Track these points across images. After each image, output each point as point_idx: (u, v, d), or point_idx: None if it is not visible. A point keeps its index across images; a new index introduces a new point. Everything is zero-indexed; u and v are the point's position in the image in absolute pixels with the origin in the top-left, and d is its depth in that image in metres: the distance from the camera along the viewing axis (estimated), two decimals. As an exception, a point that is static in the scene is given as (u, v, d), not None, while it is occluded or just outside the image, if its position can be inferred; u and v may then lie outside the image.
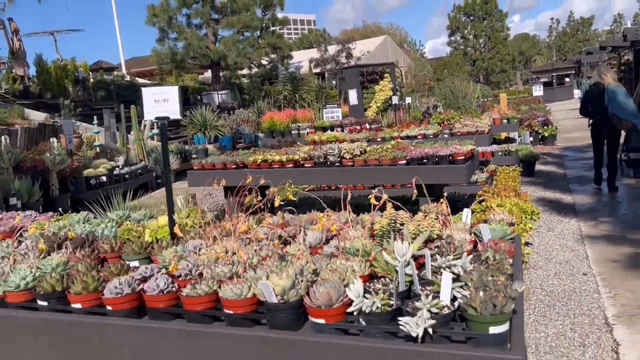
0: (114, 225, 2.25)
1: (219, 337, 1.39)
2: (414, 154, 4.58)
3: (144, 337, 1.45)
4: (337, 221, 1.92)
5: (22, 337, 1.58)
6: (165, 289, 1.49)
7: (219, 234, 1.93)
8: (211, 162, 5.29)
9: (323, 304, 1.32)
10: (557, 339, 3.54)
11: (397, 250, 1.43)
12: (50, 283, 1.57)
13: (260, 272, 1.52)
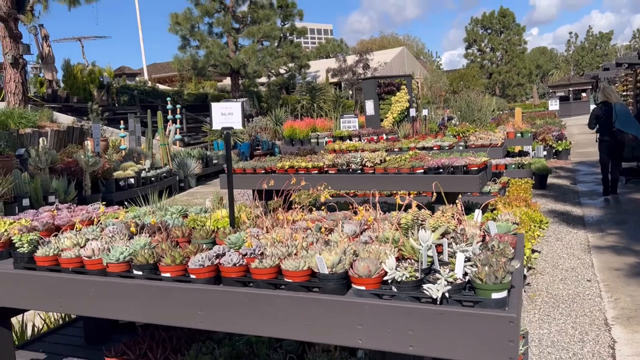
0: (177, 217, 2.68)
1: (281, 299, 1.79)
2: (431, 163, 4.96)
3: (221, 298, 1.86)
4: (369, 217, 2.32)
5: (119, 298, 2.00)
6: (237, 263, 1.89)
7: (271, 224, 2.34)
8: (242, 167, 5.72)
9: (364, 274, 1.71)
10: (558, 335, 3.89)
11: (421, 237, 1.82)
12: (144, 257, 1.98)
13: (312, 252, 1.92)
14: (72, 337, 3.15)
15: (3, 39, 15.51)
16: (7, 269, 2.26)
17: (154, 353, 2.62)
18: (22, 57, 15.89)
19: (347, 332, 1.70)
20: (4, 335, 2.50)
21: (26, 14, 15.24)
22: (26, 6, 15.41)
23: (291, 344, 2.64)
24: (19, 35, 15.76)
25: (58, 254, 2.16)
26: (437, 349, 1.61)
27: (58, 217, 2.83)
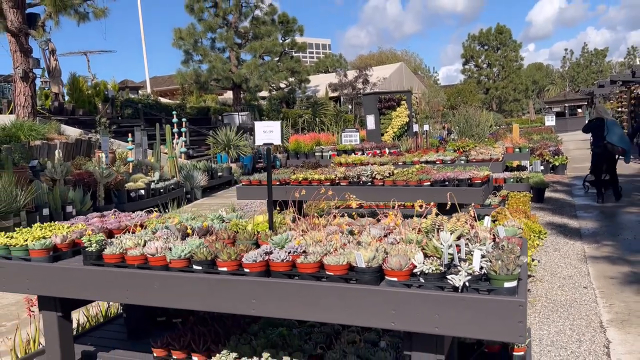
0: (219, 222, 3.00)
1: (323, 289, 2.11)
2: (437, 176, 5.31)
3: (271, 288, 2.18)
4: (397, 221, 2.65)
5: (180, 289, 2.32)
6: (285, 259, 2.22)
7: (305, 228, 2.67)
8: (257, 179, 6.05)
9: (396, 267, 2.04)
10: (557, 335, 4.20)
11: (442, 238, 2.15)
12: (203, 254, 2.30)
13: (347, 250, 2.25)
14: (115, 332, 3.45)
15: (14, 53, 15.89)
16: (77, 265, 2.58)
17: (196, 344, 2.93)
18: (32, 71, 16.26)
19: (382, 316, 2.02)
20: (66, 327, 2.81)
21: (37, 30, 15.63)
22: (37, 22, 15.81)
23: (319, 336, 2.95)
24: (29, 49, 16.14)
25: (124, 252, 2.48)
26: (459, 329, 1.94)
27: (107, 222, 3.16)
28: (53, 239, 2.68)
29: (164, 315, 3.52)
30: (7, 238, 2.73)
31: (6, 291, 2.76)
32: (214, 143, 19.92)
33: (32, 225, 3.06)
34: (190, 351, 2.92)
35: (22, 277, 2.61)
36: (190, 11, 28.81)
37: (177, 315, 3.50)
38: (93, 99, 23.16)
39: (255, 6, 29.87)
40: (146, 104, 25.60)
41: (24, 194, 6.95)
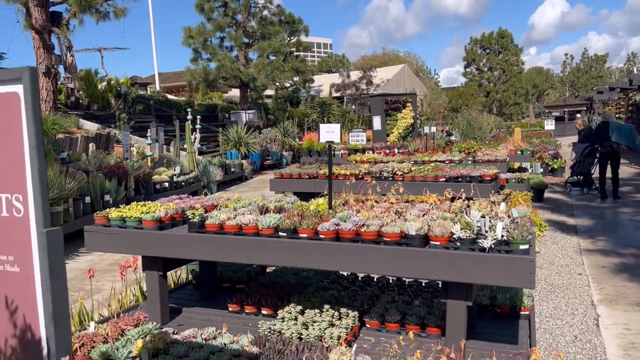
0: (287, 203, 3.71)
1: (381, 250, 2.81)
2: (451, 174, 6.02)
3: (341, 249, 2.88)
4: (437, 201, 3.36)
5: (269, 250, 3.02)
6: (351, 228, 2.92)
7: (360, 208, 3.38)
8: (289, 172, 6.75)
9: (439, 234, 2.75)
10: (555, 310, 4.91)
11: (472, 215, 2.85)
12: (287, 224, 3.01)
13: (399, 222, 2.96)
14: (188, 295, 4.15)
15: (37, 50, 16.54)
16: (183, 232, 3.28)
17: (265, 301, 3.63)
18: (54, 67, 16.93)
19: (428, 269, 2.72)
20: (164, 285, 3.51)
21: (62, 28, 16.30)
22: (62, 21, 16.46)
23: (364, 297, 3.66)
24: (51, 46, 16.80)
25: (222, 222, 3.18)
26: (486, 278, 2.64)
27: (187, 202, 3.86)
28: (158, 213, 3.38)
29: (228, 282, 4.22)
30: (121, 212, 3.43)
31: (123, 253, 3.43)
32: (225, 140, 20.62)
33: (119, 206, 3.76)
34: (260, 306, 3.62)
35: (137, 242, 3.30)
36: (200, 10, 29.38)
37: (240, 282, 4.21)
38: (106, 95, 23.81)
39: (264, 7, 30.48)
40: (157, 101, 26.25)
41: (71, 183, 7.63)
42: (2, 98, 1.28)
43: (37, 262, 1.29)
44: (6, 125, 1.29)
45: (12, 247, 1.33)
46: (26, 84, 1.27)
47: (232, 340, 2.89)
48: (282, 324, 3.17)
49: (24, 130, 1.27)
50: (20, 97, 1.27)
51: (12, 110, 1.27)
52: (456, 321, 2.83)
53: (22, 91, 1.26)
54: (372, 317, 3.36)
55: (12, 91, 1.27)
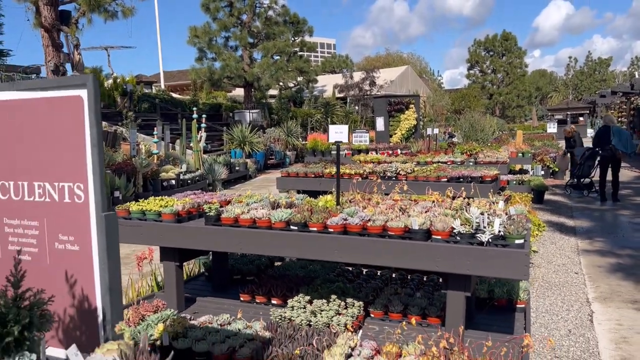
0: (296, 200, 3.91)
1: (387, 243, 3.01)
2: (453, 174, 6.21)
3: (349, 242, 3.09)
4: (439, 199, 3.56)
5: (281, 243, 3.23)
6: (358, 223, 3.13)
7: (365, 204, 3.58)
8: (295, 171, 6.95)
9: (440, 229, 2.95)
10: (551, 306, 5.11)
11: (471, 211, 3.06)
12: (299, 218, 3.21)
13: (403, 218, 3.16)
14: (200, 286, 4.36)
15: (46, 48, 16.79)
16: (200, 225, 3.49)
17: (274, 291, 3.84)
18: (63, 65, 17.17)
19: (429, 261, 2.92)
20: (180, 275, 3.72)
21: (71, 27, 16.54)
22: (71, 19, 16.71)
23: (368, 289, 3.86)
24: (60, 45, 17.04)
25: (237, 216, 3.39)
26: (483, 270, 2.84)
27: (202, 198, 4.07)
28: (176, 207, 3.59)
29: (239, 274, 4.43)
30: (140, 205, 3.64)
31: (142, 244, 3.64)
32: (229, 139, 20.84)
33: (128, 202, 3.97)
34: (270, 296, 3.83)
35: (156, 233, 3.51)
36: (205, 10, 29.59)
37: (250, 274, 4.42)
38: (112, 93, 24.05)
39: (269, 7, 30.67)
40: (162, 99, 26.48)
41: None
42: (68, 101, 1.48)
43: (95, 241, 1.49)
44: (71, 124, 1.49)
45: (72, 228, 1.54)
46: (89, 89, 1.47)
47: (246, 325, 3.10)
48: (292, 312, 3.38)
49: (86, 128, 1.47)
50: (84, 100, 1.47)
51: (77, 111, 1.47)
52: (455, 310, 3.03)
53: (85, 95, 1.47)
54: (376, 308, 3.56)
55: (77, 95, 1.47)
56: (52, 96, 1.51)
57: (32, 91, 1.55)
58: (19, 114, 1.56)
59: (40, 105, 1.52)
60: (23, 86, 1.56)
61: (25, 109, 1.54)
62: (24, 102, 1.55)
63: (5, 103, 1.57)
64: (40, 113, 1.53)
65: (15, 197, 1.58)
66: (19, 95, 1.56)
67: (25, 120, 1.56)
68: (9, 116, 1.57)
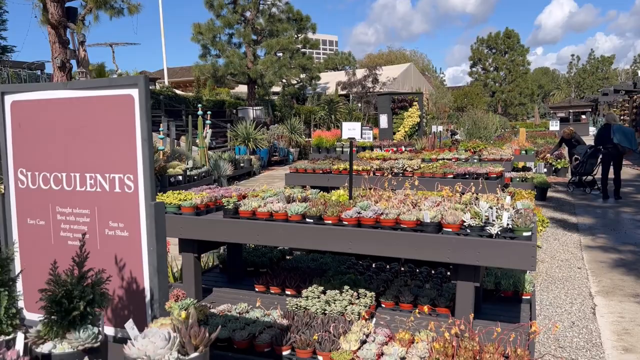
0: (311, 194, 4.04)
1: (399, 235, 3.15)
2: (459, 170, 6.34)
3: (362, 234, 3.22)
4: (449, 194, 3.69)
5: (297, 235, 3.37)
6: (372, 216, 3.26)
7: (377, 198, 3.71)
8: (303, 167, 7.09)
9: (451, 222, 3.08)
10: (555, 299, 5.24)
11: (480, 205, 3.19)
12: (314, 211, 3.35)
13: (415, 211, 3.29)
14: (215, 277, 4.50)
15: (53, 44, 16.91)
16: (219, 217, 3.63)
17: (289, 282, 3.97)
18: (69, 61, 17.31)
19: (440, 252, 3.06)
20: (198, 266, 3.86)
21: (77, 24, 16.67)
22: (78, 16, 16.84)
23: (379, 281, 4.00)
24: (67, 41, 17.16)
25: (253, 209, 3.52)
26: (492, 261, 2.98)
27: (217, 192, 4.20)
28: (195, 201, 3.73)
29: (252, 267, 4.57)
30: (160, 199, 3.77)
31: (162, 235, 3.79)
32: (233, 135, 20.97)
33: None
34: (284, 287, 3.97)
35: (176, 225, 3.65)
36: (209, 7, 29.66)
37: (263, 266, 4.56)
38: (117, 89, 24.20)
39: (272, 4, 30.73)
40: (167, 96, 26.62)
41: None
42: (120, 99, 1.61)
43: (144, 227, 1.62)
44: (122, 120, 1.62)
45: (122, 216, 1.67)
46: (140, 88, 1.60)
47: (264, 314, 3.24)
48: (307, 301, 3.51)
49: (136, 124, 1.60)
50: (135, 99, 1.60)
51: (128, 109, 1.59)
52: (465, 300, 3.17)
53: (136, 94, 1.59)
54: (387, 298, 3.70)
55: (128, 94, 1.60)
56: (104, 95, 1.64)
57: (85, 90, 1.68)
58: (72, 111, 1.69)
59: (93, 103, 1.65)
60: (76, 85, 1.69)
61: (79, 106, 1.67)
62: (77, 100, 1.67)
63: (59, 101, 1.70)
64: (92, 110, 1.66)
65: (67, 188, 1.71)
66: (72, 93, 1.69)
67: (77, 117, 1.68)
68: (62, 113, 1.70)
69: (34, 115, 1.73)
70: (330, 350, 2.78)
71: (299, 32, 32.13)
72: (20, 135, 1.76)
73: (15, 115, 1.75)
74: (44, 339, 1.45)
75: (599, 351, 4.11)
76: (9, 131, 1.77)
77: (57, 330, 1.40)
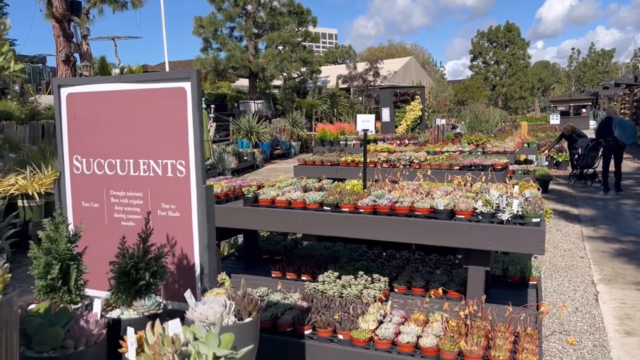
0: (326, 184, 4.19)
1: (414, 222, 3.30)
2: (465, 162, 6.49)
3: (378, 221, 3.38)
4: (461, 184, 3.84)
5: (315, 222, 3.52)
6: (387, 204, 3.41)
7: (390, 188, 3.87)
8: (312, 160, 7.24)
9: (463, 209, 3.24)
10: (558, 287, 5.41)
11: (491, 193, 3.35)
12: (331, 199, 3.50)
13: (428, 199, 3.45)
14: (233, 264, 4.66)
15: (57, 38, 17.01)
16: (239, 206, 3.79)
17: (304, 268, 4.13)
18: (73, 55, 17.42)
19: (453, 238, 3.21)
20: (218, 253, 4.01)
21: (82, 17, 16.76)
22: (82, 10, 16.93)
23: (391, 267, 4.16)
24: (71, 35, 17.27)
25: (272, 198, 3.68)
26: (503, 246, 3.13)
27: (235, 182, 4.36)
28: (215, 190, 3.88)
29: (267, 254, 4.73)
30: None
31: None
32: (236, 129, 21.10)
33: None
34: (300, 273, 4.13)
35: (198, 214, 3.82)
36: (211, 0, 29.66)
37: (278, 254, 4.72)
38: (120, 83, 24.30)
39: (274, -3, 30.69)
40: (169, 89, 26.71)
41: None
42: (173, 92, 1.75)
43: (194, 208, 1.77)
44: (175, 111, 1.76)
45: (174, 198, 1.81)
46: (193, 82, 1.74)
47: (284, 297, 3.40)
48: (324, 285, 3.68)
49: (188, 115, 1.74)
50: (187, 91, 1.74)
51: (181, 101, 1.74)
52: (476, 283, 3.33)
53: (189, 87, 1.74)
54: (400, 283, 3.86)
55: (181, 86, 1.75)
56: (157, 87, 1.79)
57: (139, 83, 1.83)
58: (126, 102, 1.83)
59: (147, 95, 1.80)
60: (130, 79, 1.84)
61: (132, 98, 1.82)
62: (131, 93, 1.82)
63: (113, 93, 1.84)
64: (146, 101, 1.80)
65: (121, 173, 1.86)
66: (126, 86, 1.83)
67: (131, 107, 1.83)
68: (116, 104, 1.85)
69: (89, 106, 1.88)
70: (350, 330, 2.94)
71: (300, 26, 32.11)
72: (76, 125, 1.91)
73: (70, 106, 1.89)
74: (112, 306, 1.60)
75: (602, 334, 4.28)
76: (64, 121, 1.91)
77: (125, 298, 1.55)
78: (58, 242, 1.49)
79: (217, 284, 1.83)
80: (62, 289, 1.50)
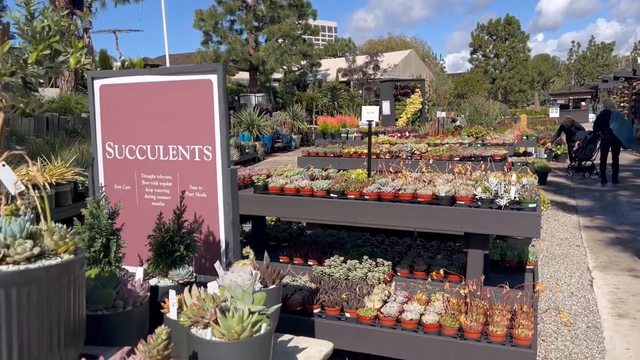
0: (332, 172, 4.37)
1: (417, 208, 3.48)
2: (465, 153, 6.67)
3: (383, 207, 3.56)
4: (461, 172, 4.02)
5: (322, 209, 3.70)
6: (391, 191, 3.59)
7: (394, 176, 4.04)
8: (315, 151, 7.41)
9: (464, 195, 3.41)
10: (555, 273, 5.61)
11: (490, 181, 3.53)
12: (338, 187, 3.68)
13: (430, 186, 3.62)
14: (241, 251, 4.84)
15: (60, 31, 17.09)
16: (250, 193, 3.97)
17: (311, 254, 4.32)
18: (76, 48, 17.52)
19: (454, 223, 3.39)
20: (228, 237, 4.20)
21: (84, 10, 16.87)
22: (85, 3, 17.04)
23: (394, 253, 4.34)
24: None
25: (281, 186, 3.85)
26: (501, 230, 3.32)
27: (244, 171, 4.53)
28: (226, 178, 4.06)
29: (274, 241, 4.91)
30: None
31: (197, 210, 4.12)
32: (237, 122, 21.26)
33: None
34: (307, 258, 4.31)
35: (210, 201, 4.00)
36: (211, -7, 29.63)
37: (284, 241, 4.90)
38: (121, 76, 24.39)
39: (275, -10, 30.69)
40: (170, 82, 26.83)
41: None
42: (201, 83, 1.92)
43: (220, 189, 1.94)
44: (202, 101, 1.93)
45: (201, 180, 1.98)
46: (219, 74, 1.91)
47: (293, 279, 3.58)
48: (330, 269, 3.86)
49: (215, 104, 1.91)
50: (213, 83, 1.91)
51: (207, 91, 1.90)
52: (475, 266, 3.52)
53: (215, 79, 1.90)
54: (403, 267, 4.05)
55: (208, 79, 1.91)
56: (186, 79, 1.95)
57: (169, 75, 2.00)
58: (156, 93, 1.99)
59: (176, 86, 1.96)
60: (160, 71, 2.01)
61: (162, 89, 1.98)
62: (161, 84, 1.98)
63: (144, 85, 2.01)
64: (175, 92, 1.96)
65: (151, 157, 2.03)
66: (156, 78, 2.00)
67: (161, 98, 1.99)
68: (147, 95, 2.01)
69: (121, 97, 2.05)
70: (357, 308, 3.13)
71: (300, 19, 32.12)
72: (108, 114, 2.08)
73: (103, 97, 2.06)
74: (150, 275, 1.78)
75: (596, 317, 4.47)
76: (97, 110, 2.08)
77: (162, 268, 1.73)
78: (100, 219, 1.66)
79: (240, 258, 2.00)
80: (103, 260, 1.67)
